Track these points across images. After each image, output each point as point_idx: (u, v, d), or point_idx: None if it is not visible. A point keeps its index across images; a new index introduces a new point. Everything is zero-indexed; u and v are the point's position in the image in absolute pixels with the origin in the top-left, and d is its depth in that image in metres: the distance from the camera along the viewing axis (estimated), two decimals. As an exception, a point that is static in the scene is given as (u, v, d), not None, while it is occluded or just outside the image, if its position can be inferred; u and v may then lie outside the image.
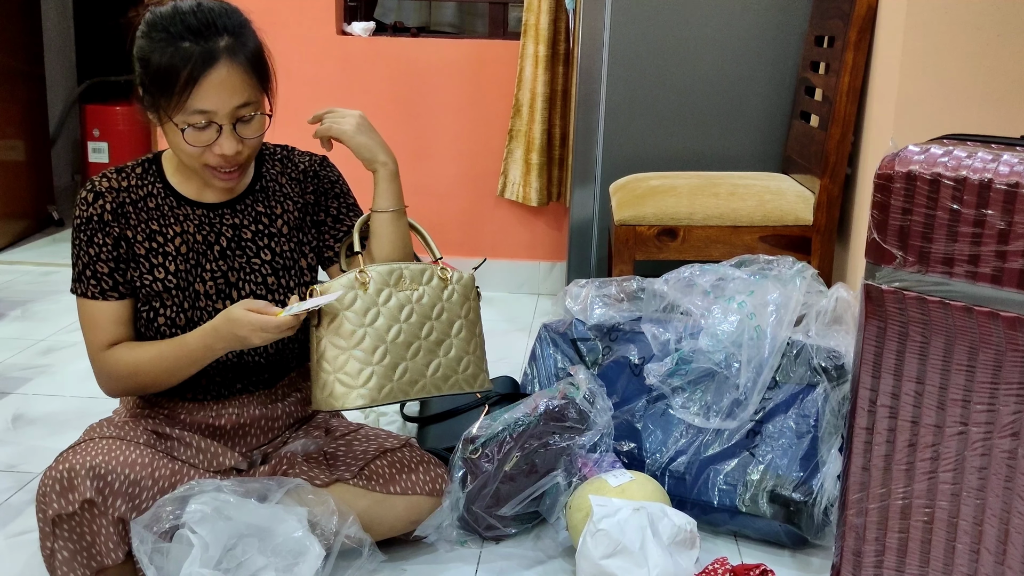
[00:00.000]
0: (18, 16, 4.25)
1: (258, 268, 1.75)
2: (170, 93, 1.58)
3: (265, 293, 1.75)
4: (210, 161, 1.64)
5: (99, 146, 4.60)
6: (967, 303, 1.38)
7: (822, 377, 1.89)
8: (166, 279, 1.70)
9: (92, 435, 1.64)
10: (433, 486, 1.78)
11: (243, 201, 1.77)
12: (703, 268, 2.07)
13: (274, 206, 1.79)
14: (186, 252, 1.71)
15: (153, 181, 1.73)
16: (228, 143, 1.61)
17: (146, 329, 1.71)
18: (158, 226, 1.71)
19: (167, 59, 1.58)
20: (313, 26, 3.56)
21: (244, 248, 1.75)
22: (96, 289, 1.69)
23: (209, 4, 1.63)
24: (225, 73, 1.59)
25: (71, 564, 1.57)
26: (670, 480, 1.91)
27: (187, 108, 1.58)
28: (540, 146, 3.47)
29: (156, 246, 1.70)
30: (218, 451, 1.75)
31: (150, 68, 1.60)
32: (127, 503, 1.57)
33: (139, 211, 1.70)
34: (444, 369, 1.74)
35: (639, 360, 2.03)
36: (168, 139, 1.66)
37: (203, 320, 1.70)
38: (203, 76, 1.57)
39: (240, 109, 1.61)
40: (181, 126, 1.60)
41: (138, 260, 1.69)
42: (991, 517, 1.42)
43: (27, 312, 3.29)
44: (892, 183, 1.42)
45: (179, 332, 1.70)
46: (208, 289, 1.72)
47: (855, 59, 2.36)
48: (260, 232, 1.77)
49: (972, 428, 1.42)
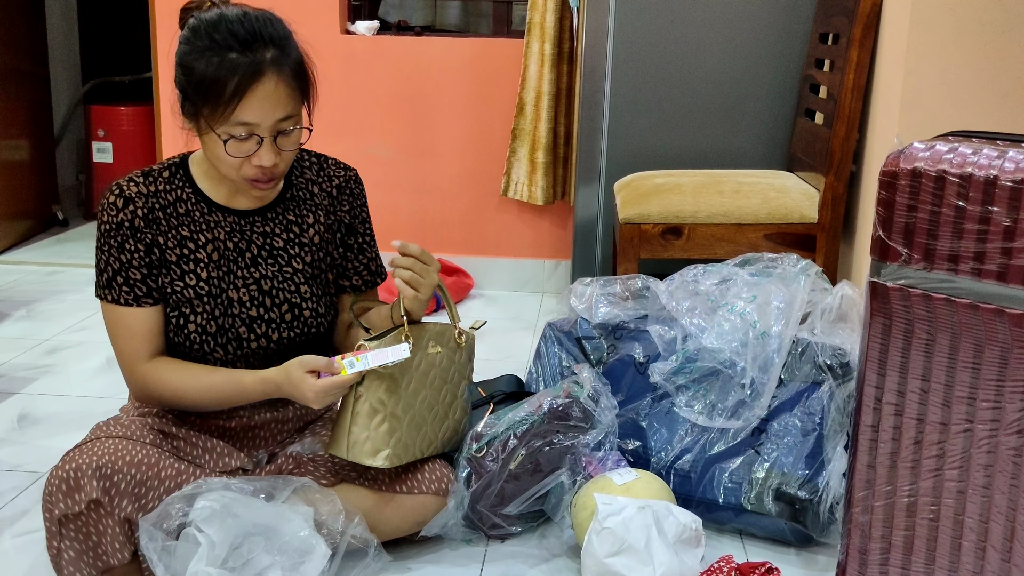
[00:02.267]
0: (22, 16, 4.26)
1: (291, 276, 1.75)
2: (215, 104, 1.57)
3: (299, 301, 1.75)
4: (247, 173, 1.63)
5: (103, 146, 4.61)
6: (972, 300, 1.38)
7: (827, 375, 1.89)
8: (198, 286, 1.69)
9: (98, 434, 1.64)
10: (439, 485, 1.78)
11: (274, 209, 1.76)
12: (706, 269, 2.06)
13: (305, 215, 1.79)
14: (217, 259, 1.71)
15: (182, 186, 1.72)
16: (268, 155, 1.61)
17: (175, 335, 1.70)
18: (189, 232, 1.70)
19: (213, 69, 1.56)
20: (317, 25, 3.56)
21: (276, 256, 1.75)
22: (130, 296, 1.68)
23: (255, 13, 1.63)
24: (272, 86, 1.59)
25: (77, 564, 1.57)
26: (675, 478, 1.91)
27: (231, 120, 1.57)
28: (546, 145, 3.46)
29: (187, 252, 1.69)
30: (224, 451, 1.75)
31: (194, 76, 1.59)
32: (133, 503, 1.58)
33: (169, 217, 1.69)
34: (451, 430, 1.83)
35: (644, 358, 2.03)
36: (206, 148, 1.65)
37: (234, 327, 1.71)
38: (249, 89, 1.57)
39: (282, 122, 1.62)
40: (223, 137, 1.59)
41: (169, 266, 1.68)
42: (997, 515, 1.42)
43: (32, 312, 3.30)
44: (897, 180, 1.42)
45: (209, 339, 1.69)
46: (242, 296, 1.72)
47: (860, 56, 2.36)
48: (291, 241, 1.77)
49: (978, 425, 1.42)
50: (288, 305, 1.74)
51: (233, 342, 1.71)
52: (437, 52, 3.59)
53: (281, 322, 1.74)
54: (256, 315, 1.72)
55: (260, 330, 1.73)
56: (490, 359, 2.74)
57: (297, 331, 1.75)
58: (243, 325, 1.71)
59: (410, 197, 3.68)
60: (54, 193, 4.57)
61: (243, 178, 1.65)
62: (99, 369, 2.77)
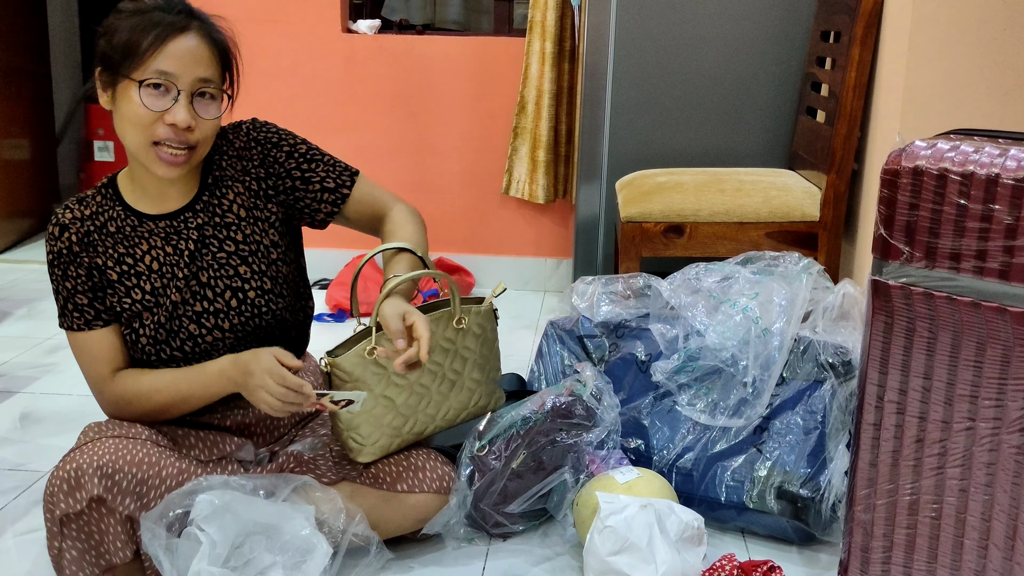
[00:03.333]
0: (23, 15, 4.26)
1: (225, 261, 1.72)
2: (135, 55, 1.57)
3: (240, 284, 1.71)
4: (158, 133, 1.59)
5: (104, 145, 4.61)
6: (974, 298, 1.37)
7: (829, 373, 1.89)
8: (144, 299, 1.69)
9: (97, 435, 1.64)
10: (440, 484, 1.77)
11: (200, 200, 1.74)
12: (708, 268, 2.06)
13: (225, 192, 1.74)
14: (158, 268, 1.70)
15: (113, 205, 1.72)
16: (182, 112, 1.58)
17: (132, 351, 1.72)
18: (125, 248, 1.70)
19: (136, 27, 1.58)
20: (319, 24, 3.56)
21: (208, 244, 1.72)
22: (81, 321, 1.69)
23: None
24: (193, 43, 1.60)
25: (79, 563, 1.57)
26: (677, 477, 1.91)
27: (149, 67, 1.57)
28: (547, 143, 3.46)
29: (127, 268, 1.69)
30: (218, 439, 1.76)
31: (115, 39, 1.60)
32: (135, 501, 1.58)
33: (104, 238, 1.69)
34: (454, 410, 1.82)
35: (646, 357, 2.03)
36: (120, 113, 1.61)
37: (184, 327, 1.70)
38: (170, 38, 1.58)
39: (201, 83, 1.61)
40: (139, 85, 1.57)
41: (113, 286, 1.69)
42: (999, 513, 1.42)
43: (33, 311, 3.30)
44: (899, 178, 1.42)
45: (163, 346, 1.69)
46: (184, 296, 1.70)
47: (861, 54, 2.36)
48: (219, 224, 1.73)
49: (980, 424, 1.42)
50: (230, 291, 1.71)
51: (188, 342, 1.70)
52: (438, 50, 3.59)
53: (228, 309, 1.71)
54: (201, 309, 1.70)
55: (209, 323, 1.70)
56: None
57: (248, 314, 1.72)
58: (192, 323, 1.70)
59: (411, 195, 3.67)
60: (55, 192, 4.57)
61: (153, 144, 1.60)
62: (101, 368, 2.77)
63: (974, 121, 2.04)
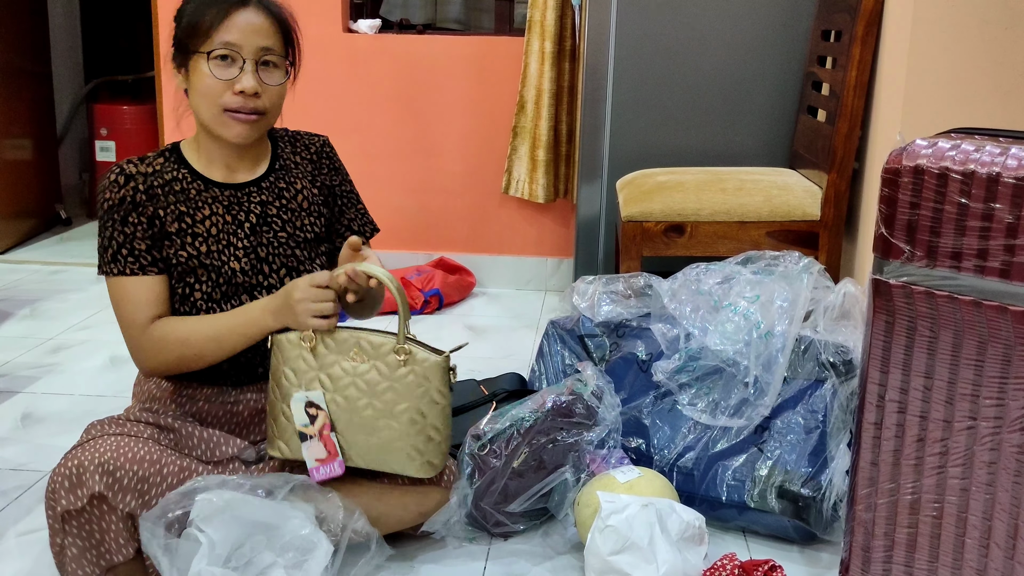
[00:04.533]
0: (25, 15, 4.26)
1: (285, 241, 1.80)
2: (201, 29, 1.69)
3: (296, 264, 1.81)
4: (229, 102, 1.70)
5: (107, 145, 4.61)
6: (976, 297, 1.37)
7: (830, 372, 1.89)
8: (200, 257, 1.74)
9: (100, 432, 1.64)
10: (440, 477, 1.78)
11: (267, 179, 1.83)
12: (708, 268, 2.06)
13: (293, 182, 1.85)
14: (216, 233, 1.76)
15: (177, 167, 1.78)
16: (249, 79, 1.69)
17: (181, 305, 1.75)
18: (186, 208, 1.75)
19: (199, 6, 1.71)
20: (320, 24, 3.56)
21: (271, 223, 1.80)
22: (135, 265, 1.72)
23: None
24: (254, 16, 1.71)
25: (80, 561, 1.57)
26: (678, 476, 1.91)
27: (215, 40, 1.68)
28: (547, 143, 3.46)
29: (185, 226, 1.75)
30: (220, 440, 1.76)
31: (183, 19, 1.73)
32: (136, 499, 1.58)
33: (167, 193, 1.75)
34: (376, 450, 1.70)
35: (647, 356, 2.03)
36: (193, 88, 1.72)
37: (237, 295, 1.76)
38: (233, 12, 1.69)
39: (264, 52, 1.71)
40: (209, 56, 1.68)
41: (171, 237, 1.74)
42: (1001, 512, 1.42)
43: (35, 311, 3.30)
44: (900, 177, 1.42)
45: (215, 306, 1.75)
46: (244, 266, 1.77)
47: (862, 53, 2.36)
48: (283, 207, 1.82)
49: (981, 423, 1.41)
50: (286, 269, 1.80)
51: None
52: (438, 50, 3.59)
53: (281, 286, 1.78)
54: (256, 282, 1.77)
55: (262, 296, 1.77)
56: (492, 357, 2.75)
57: None
58: (245, 292, 1.76)
59: (412, 195, 3.68)
60: (57, 192, 4.57)
61: (224, 110, 1.70)
62: (102, 368, 2.78)
63: (975, 120, 2.04)
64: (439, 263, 3.58)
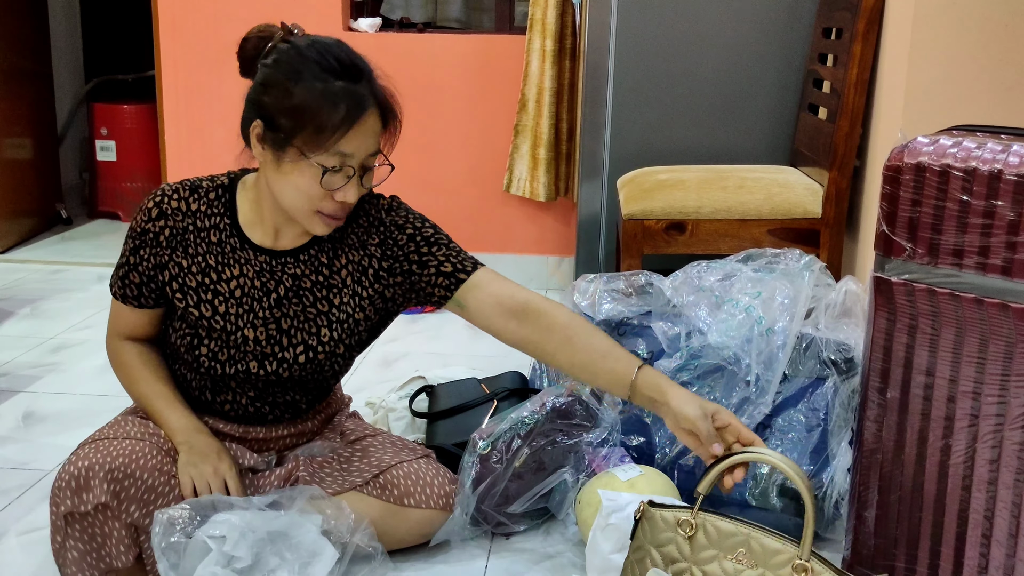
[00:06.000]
0: (25, 15, 4.26)
1: (313, 318, 1.68)
2: (318, 131, 1.51)
3: (316, 344, 1.68)
4: (327, 208, 1.57)
5: (107, 144, 4.61)
6: (977, 295, 1.37)
7: (831, 370, 1.89)
8: (213, 318, 1.66)
9: (115, 433, 1.63)
10: (447, 501, 1.76)
11: (308, 251, 1.69)
12: (709, 265, 2.06)
13: (339, 255, 1.70)
14: (240, 296, 1.66)
15: (223, 213, 1.67)
16: (353, 192, 1.57)
17: (186, 352, 1.69)
18: (214, 262, 1.66)
19: (318, 96, 1.51)
20: (320, 22, 3.56)
21: (302, 297, 1.68)
22: (120, 293, 1.72)
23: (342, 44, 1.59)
24: (372, 120, 1.56)
25: (80, 564, 1.57)
26: (680, 474, 1.91)
27: (331, 149, 1.52)
28: (548, 141, 3.46)
29: (208, 282, 1.66)
30: (235, 452, 1.74)
31: (292, 101, 1.52)
32: (141, 509, 1.57)
33: (199, 242, 1.66)
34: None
35: (648, 355, 2.02)
36: (281, 178, 1.57)
37: (244, 360, 1.67)
38: (358, 120, 1.53)
39: (371, 158, 1.59)
40: (321, 167, 1.53)
41: (186, 290, 1.67)
42: (1002, 509, 1.42)
43: (36, 310, 3.30)
44: (901, 175, 1.41)
45: (218, 366, 1.68)
46: (259, 335, 1.66)
47: (863, 51, 2.35)
48: (320, 283, 1.69)
49: (983, 420, 1.41)
50: (304, 347, 1.68)
51: (241, 373, 1.69)
52: (439, 49, 3.59)
53: (293, 363, 1.68)
54: (269, 352, 1.67)
55: (271, 367, 1.68)
56: (493, 356, 2.74)
57: (308, 371, 1.70)
58: (254, 360, 1.68)
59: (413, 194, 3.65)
60: (58, 191, 4.57)
61: (317, 212, 1.58)
62: (104, 367, 2.77)
63: (976, 117, 2.03)
64: (440, 262, 3.58)
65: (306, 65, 1.53)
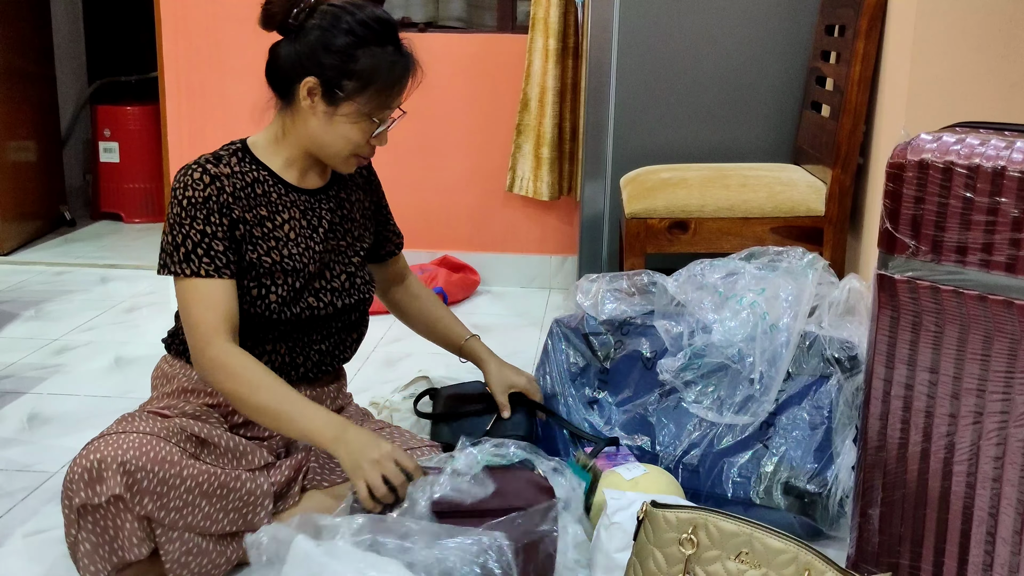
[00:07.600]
0: (28, 17, 4.27)
1: (345, 248, 1.87)
2: (381, 92, 1.72)
3: (354, 271, 1.87)
4: (362, 151, 1.77)
5: (110, 146, 4.62)
6: (981, 292, 1.37)
7: (835, 368, 1.88)
8: (283, 261, 1.76)
9: (124, 428, 1.63)
10: None
11: (333, 187, 1.88)
12: (712, 264, 2.06)
13: (351, 194, 1.92)
14: (295, 236, 1.78)
15: (255, 168, 1.77)
16: (386, 137, 1.79)
17: (252, 307, 1.73)
18: (267, 212, 1.76)
19: (381, 64, 1.71)
20: (321, 23, 3.56)
21: (335, 230, 1.86)
22: (211, 267, 1.67)
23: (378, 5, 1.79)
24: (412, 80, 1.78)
25: (92, 557, 1.58)
26: (684, 473, 1.91)
27: (390, 106, 1.76)
28: (550, 140, 3.46)
29: (267, 230, 1.76)
30: (247, 450, 1.74)
31: (357, 65, 1.69)
32: (154, 501, 1.57)
33: (249, 196, 1.74)
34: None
35: (651, 354, 2.02)
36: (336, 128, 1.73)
37: (305, 298, 1.79)
38: (409, 83, 1.76)
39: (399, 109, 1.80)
40: (381, 123, 1.74)
41: (254, 241, 1.74)
42: (1007, 506, 1.41)
43: (40, 312, 3.31)
44: (904, 172, 1.41)
45: (287, 310, 1.76)
46: (318, 269, 1.81)
47: (866, 48, 2.35)
48: (344, 217, 1.88)
49: (987, 417, 1.41)
50: (346, 275, 1.85)
51: (305, 311, 1.79)
52: (440, 48, 3.58)
53: (341, 290, 1.84)
54: (320, 286, 1.81)
55: (326, 299, 1.81)
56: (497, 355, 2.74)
57: (354, 298, 1.86)
58: (312, 295, 1.79)
59: (415, 194, 3.68)
60: (61, 193, 4.58)
61: (353, 155, 1.77)
62: (108, 369, 2.78)
63: (979, 114, 2.03)
64: (443, 261, 3.58)
65: (367, 31, 1.70)
